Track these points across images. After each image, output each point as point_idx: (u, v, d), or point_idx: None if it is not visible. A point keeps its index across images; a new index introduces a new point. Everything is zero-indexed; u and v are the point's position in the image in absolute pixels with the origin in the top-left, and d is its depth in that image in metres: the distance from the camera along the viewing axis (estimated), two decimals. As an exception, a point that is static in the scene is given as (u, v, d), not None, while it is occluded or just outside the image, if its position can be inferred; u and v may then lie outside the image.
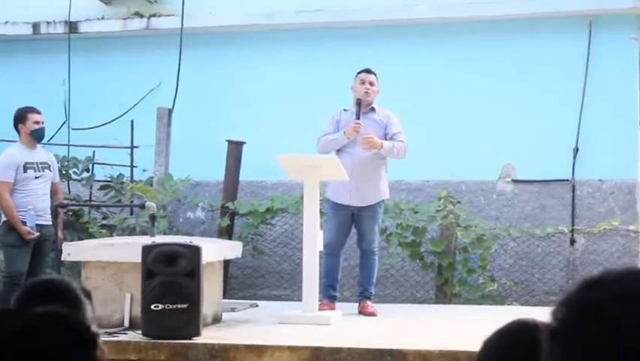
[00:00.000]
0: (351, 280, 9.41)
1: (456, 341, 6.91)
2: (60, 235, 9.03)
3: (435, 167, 11.31)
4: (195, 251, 7.14)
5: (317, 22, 11.63)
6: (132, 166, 11.67)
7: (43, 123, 9.15)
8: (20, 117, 9.09)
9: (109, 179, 11.46)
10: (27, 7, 12.57)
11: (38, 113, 9.14)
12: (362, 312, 8.74)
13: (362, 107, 8.73)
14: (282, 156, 8.50)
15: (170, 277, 7.03)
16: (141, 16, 12.35)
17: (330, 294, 8.76)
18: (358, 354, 6.71)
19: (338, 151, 8.72)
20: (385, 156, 8.82)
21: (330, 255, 8.76)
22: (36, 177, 9.00)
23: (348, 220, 8.76)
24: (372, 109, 8.89)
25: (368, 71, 8.91)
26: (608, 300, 1.47)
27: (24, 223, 8.79)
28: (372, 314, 8.68)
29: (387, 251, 10.61)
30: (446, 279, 10.25)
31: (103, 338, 2.02)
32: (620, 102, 11.00)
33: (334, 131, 8.79)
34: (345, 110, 8.93)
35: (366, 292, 8.89)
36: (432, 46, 11.52)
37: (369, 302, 8.83)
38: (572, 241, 10.97)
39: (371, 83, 8.84)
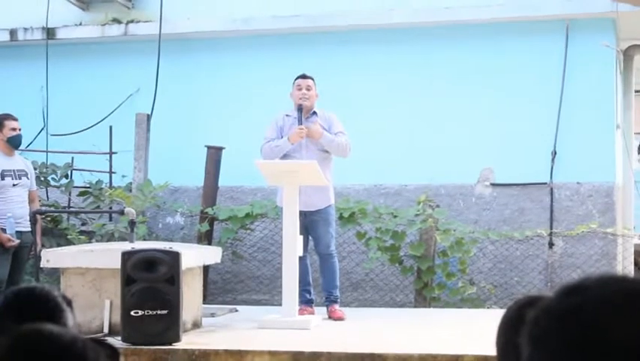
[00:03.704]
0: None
1: (435, 345, 6.93)
2: (39, 241, 8.99)
3: (414, 171, 11.34)
4: (175, 257, 7.14)
5: (295, 27, 11.65)
6: (111, 172, 11.64)
7: (20, 130, 9.09)
8: (-3, 124, 9.04)
9: (88, 185, 11.42)
10: (4, 13, 12.54)
11: (15, 119, 9.08)
12: (331, 317, 8.73)
13: (304, 112, 8.74)
14: (260, 162, 8.51)
15: (150, 283, 7.03)
16: (119, 22, 12.33)
17: (306, 298, 8.76)
18: (338, 359, 6.72)
19: (285, 156, 8.67)
20: (328, 150, 8.75)
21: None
22: (14, 185, 8.95)
23: (301, 224, 8.53)
24: (314, 113, 8.88)
25: (304, 77, 8.90)
26: (586, 306, 1.48)
27: (3, 231, 8.76)
28: (341, 318, 8.69)
29: (366, 255, 10.63)
30: (425, 283, 10.26)
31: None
32: (597, 105, 11.06)
33: (277, 137, 8.77)
34: (287, 115, 8.90)
35: (332, 297, 8.88)
36: (409, 50, 11.55)
37: (336, 306, 8.84)
38: (551, 244, 11.01)
39: (308, 88, 8.81)
